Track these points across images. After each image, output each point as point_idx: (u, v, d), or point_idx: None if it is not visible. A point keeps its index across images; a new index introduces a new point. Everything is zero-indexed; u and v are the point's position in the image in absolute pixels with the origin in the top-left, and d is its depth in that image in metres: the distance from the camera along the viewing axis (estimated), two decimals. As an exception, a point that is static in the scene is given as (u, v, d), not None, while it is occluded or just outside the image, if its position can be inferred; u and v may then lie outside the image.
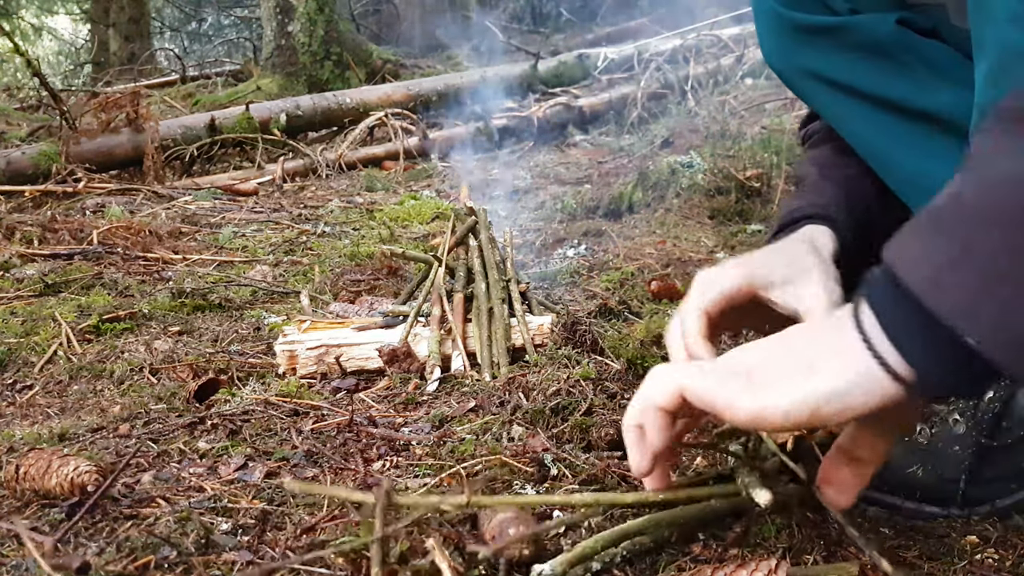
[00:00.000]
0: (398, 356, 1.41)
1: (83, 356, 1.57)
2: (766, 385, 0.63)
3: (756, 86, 4.98)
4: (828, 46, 0.92)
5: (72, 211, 3.04)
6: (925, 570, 0.81)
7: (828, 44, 0.92)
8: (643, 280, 2.06)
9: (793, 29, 0.94)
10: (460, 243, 1.79)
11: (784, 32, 0.96)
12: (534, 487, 0.98)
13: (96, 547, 0.85)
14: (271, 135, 4.48)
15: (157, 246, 2.46)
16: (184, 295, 1.92)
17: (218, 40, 12.78)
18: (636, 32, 7.52)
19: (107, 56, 9.58)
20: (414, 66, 7.75)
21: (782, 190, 2.81)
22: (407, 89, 5.32)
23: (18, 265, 2.23)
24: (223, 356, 1.53)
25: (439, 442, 1.11)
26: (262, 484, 1.01)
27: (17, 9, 11.97)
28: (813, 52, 0.93)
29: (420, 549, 0.78)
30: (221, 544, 0.85)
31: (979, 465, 0.89)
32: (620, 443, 1.11)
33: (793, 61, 0.97)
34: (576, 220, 2.83)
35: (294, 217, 3.06)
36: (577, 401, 1.15)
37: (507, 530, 0.79)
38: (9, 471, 0.98)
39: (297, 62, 6.45)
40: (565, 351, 1.32)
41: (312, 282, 2.10)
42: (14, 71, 10.92)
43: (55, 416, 1.31)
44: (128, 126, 3.91)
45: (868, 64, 0.90)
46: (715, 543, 0.85)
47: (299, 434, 1.17)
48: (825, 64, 0.94)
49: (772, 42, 0.98)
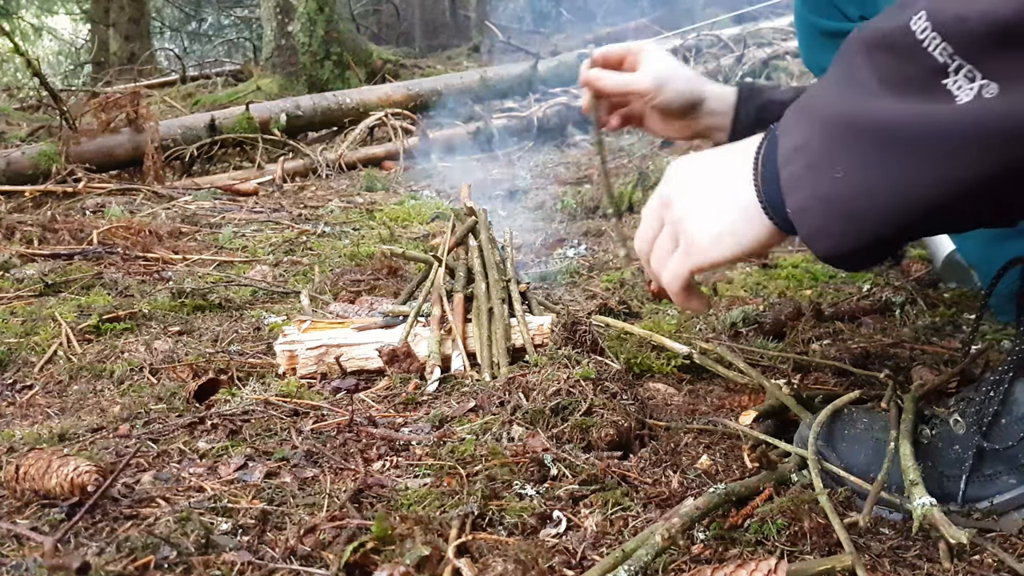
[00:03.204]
0: (398, 356, 1.41)
1: (83, 356, 1.57)
2: (701, 251, 0.83)
3: (756, 86, 4.97)
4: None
5: (72, 211, 3.04)
6: (925, 570, 0.81)
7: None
8: (643, 280, 2.06)
9: (818, 34, 1.10)
10: (460, 243, 1.79)
11: (813, 36, 1.12)
12: (534, 487, 0.98)
13: (96, 547, 0.85)
14: (271, 135, 4.48)
15: (157, 246, 2.46)
16: (184, 295, 1.92)
17: (218, 40, 12.78)
18: (636, 32, 7.52)
19: (107, 56, 9.59)
20: (414, 66, 7.76)
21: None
22: (407, 89, 5.32)
23: (18, 265, 2.23)
24: (223, 356, 1.53)
25: (439, 442, 1.11)
26: (262, 484, 1.01)
27: (17, 9, 11.97)
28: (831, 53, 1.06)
29: (436, 556, 0.78)
30: (221, 544, 0.85)
31: (979, 464, 0.89)
32: (620, 443, 1.11)
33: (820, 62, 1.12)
34: (576, 220, 2.83)
35: (294, 217, 3.06)
36: (577, 401, 1.15)
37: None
38: (9, 471, 0.98)
39: (297, 62, 6.45)
40: (565, 351, 1.32)
41: (312, 282, 2.10)
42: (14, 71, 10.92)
43: (55, 416, 1.31)
44: (128, 126, 3.91)
45: None
46: (715, 543, 0.85)
47: (299, 434, 1.17)
48: None
49: (805, 46, 1.15)
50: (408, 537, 0.81)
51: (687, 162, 0.87)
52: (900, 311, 1.68)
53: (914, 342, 1.50)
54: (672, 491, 0.97)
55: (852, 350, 1.46)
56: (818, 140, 0.71)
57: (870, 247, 0.72)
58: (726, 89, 1.31)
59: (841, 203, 0.70)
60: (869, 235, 0.70)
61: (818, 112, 0.73)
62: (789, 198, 0.73)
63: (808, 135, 0.72)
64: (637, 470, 1.03)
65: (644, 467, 1.05)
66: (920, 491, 0.81)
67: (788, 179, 0.73)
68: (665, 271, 0.88)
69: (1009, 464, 0.88)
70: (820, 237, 0.73)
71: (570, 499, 0.96)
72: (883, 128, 0.67)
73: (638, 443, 1.13)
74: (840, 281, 1.95)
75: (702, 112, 1.28)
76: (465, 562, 0.78)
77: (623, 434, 1.11)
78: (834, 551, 0.83)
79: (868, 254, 0.73)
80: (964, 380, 1.18)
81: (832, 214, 0.71)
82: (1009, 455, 0.88)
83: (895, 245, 0.73)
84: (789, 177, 0.73)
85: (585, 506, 0.94)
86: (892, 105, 0.66)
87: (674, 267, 0.86)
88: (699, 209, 0.83)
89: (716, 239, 0.81)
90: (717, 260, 0.82)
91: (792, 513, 0.86)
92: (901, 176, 0.66)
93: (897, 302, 1.70)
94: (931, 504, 0.78)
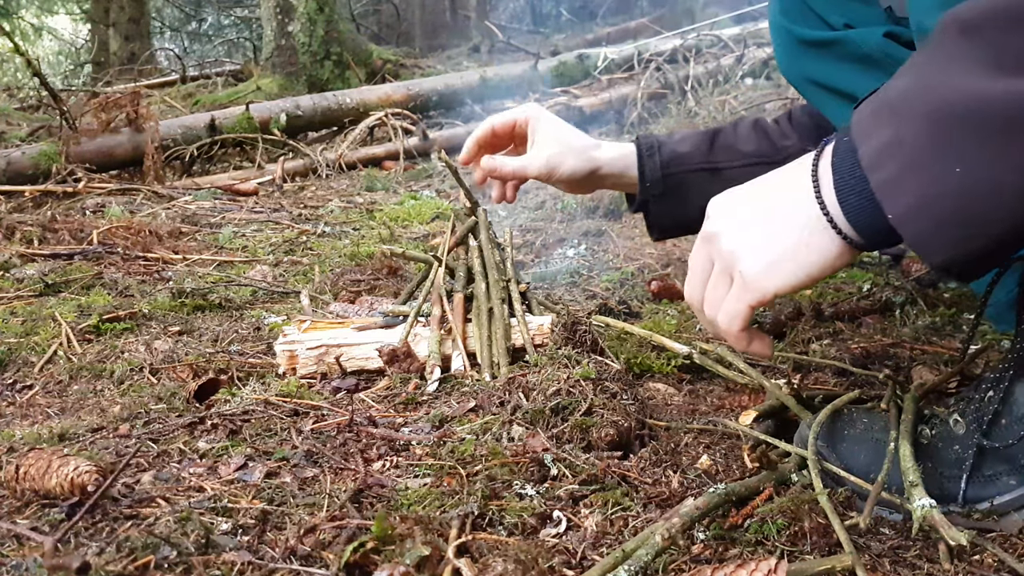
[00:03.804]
0: (398, 356, 1.41)
1: (83, 356, 1.57)
2: (758, 284, 0.75)
3: (756, 86, 4.98)
4: (827, 58, 1.03)
5: (72, 211, 3.04)
6: (925, 570, 0.81)
7: (827, 56, 1.03)
8: (643, 280, 2.06)
9: (798, 42, 1.06)
10: (460, 243, 1.78)
11: (792, 45, 1.08)
12: (534, 487, 0.98)
13: (96, 547, 0.85)
14: (271, 135, 4.48)
15: (157, 246, 2.46)
16: (184, 295, 1.92)
17: (218, 40, 12.78)
18: (636, 32, 7.52)
19: (107, 56, 9.59)
20: (414, 66, 7.76)
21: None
22: (407, 89, 5.32)
23: (18, 265, 2.23)
24: (223, 356, 1.53)
25: (439, 442, 1.11)
26: (262, 484, 1.01)
27: (17, 9, 11.97)
28: (815, 63, 1.04)
29: (436, 556, 0.78)
30: (221, 544, 0.85)
31: (979, 465, 0.89)
32: (620, 443, 1.11)
33: (800, 71, 1.09)
34: (576, 220, 2.83)
35: (294, 217, 3.06)
36: (577, 401, 1.15)
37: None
38: (9, 471, 0.98)
39: (297, 62, 6.45)
40: (565, 351, 1.32)
41: (312, 282, 2.10)
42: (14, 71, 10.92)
43: (55, 416, 1.31)
44: (128, 126, 3.91)
45: (861, 73, 1.00)
46: (715, 543, 0.85)
47: (299, 434, 1.16)
48: (826, 74, 1.06)
49: (782, 54, 1.11)
50: (408, 537, 0.81)
51: (729, 195, 0.81)
52: (900, 311, 1.68)
53: (914, 342, 1.50)
54: (672, 491, 0.97)
55: (852, 350, 1.46)
56: (919, 136, 0.63)
57: (992, 252, 0.64)
58: (623, 149, 1.36)
59: (958, 204, 0.62)
60: (993, 238, 0.62)
61: (910, 106, 0.64)
62: (889, 204, 0.65)
63: (899, 132, 0.64)
64: (637, 470, 1.03)
65: (644, 467, 1.05)
66: (920, 492, 0.81)
67: (883, 184, 0.65)
68: (721, 313, 0.81)
69: (1009, 465, 0.88)
70: (935, 245, 0.64)
71: (570, 499, 0.96)
72: (1004, 113, 0.59)
73: (638, 443, 1.13)
74: (840, 281, 1.95)
75: (601, 176, 1.35)
76: (465, 562, 0.78)
77: (623, 434, 1.11)
78: (834, 551, 0.83)
79: (989, 260, 0.65)
80: (964, 380, 1.18)
81: (947, 217, 0.63)
82: (1009, 455, 0.88)
83: (1018, 247, 0.65)
84: (884, 181, 0.65)
85: (585, 506, 0.94)
86: (1014, 86, 0.59)
87: (729, 306, 0.79)
88: (751, 239, 0.75)
89: (774, 267, 0.74)
90: (778, 290, 0.75)
91: (792, 513, 0.86)
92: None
93: (897, 302, 1.70)
94: (931, 506, 0.78)
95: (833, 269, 0.73)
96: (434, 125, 4.96)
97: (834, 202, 0.70)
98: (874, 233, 0.69)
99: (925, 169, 0.62)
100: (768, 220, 0.74)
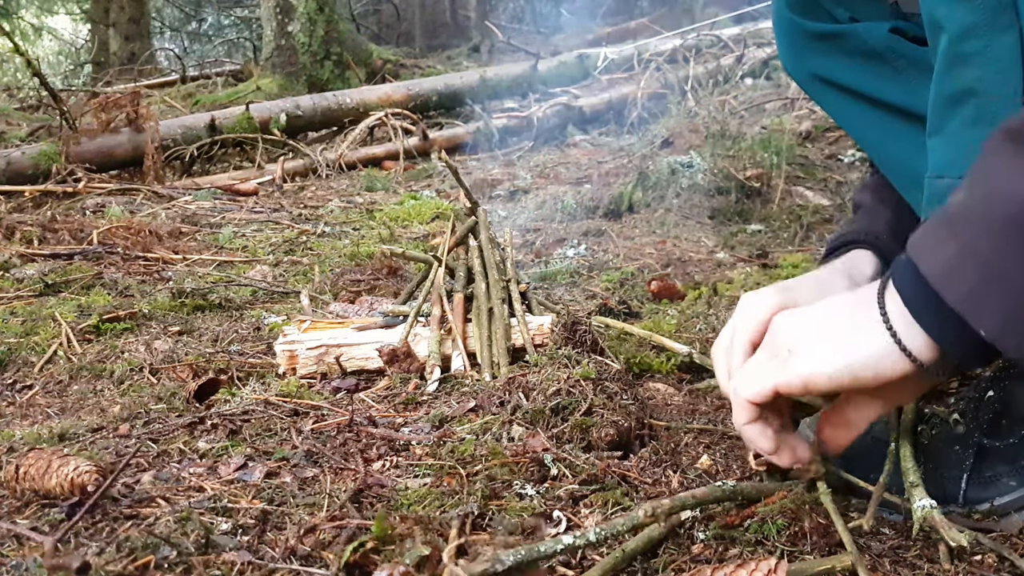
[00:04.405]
0: (398, 356, 1.41)
1: (83, 356, 1.57)
2: (809, 355, 0.76)
3: (756, 86, 4.98)
4: (832, 51, 1.02)
5: (72, 211, 3.04)
6: (925, 570, 0.81)
7: (832, 50, 1.01)
8: (643, 280, 2.06)
9: (803, 35, 1.05)
10: (460, 243, 1.78)
11: (795, 38, 1.07)
12: (534, 487, 0.98)
13: (96, 547, 0.85)
14: (271, 135, 4.48)
15: (157, 246, 2.46)
16: (184, 295, 1.91)
17: (218, 40, 12.78)
18: (636, 32, 7.53)
19: (107, 56, 9.59)
20: (414, 66, 7.76)
21: (782, 190, 2.81)
22: (407, 89, 5.32)
23: (18, 265, 2.23)
24: (223, 356, 1.53)
25: (439, 442, 1.11)
26: (262, 484, 1.01)
27: (17, 9, 11.97)
28: (819, 57, 1.03)
29: (436, 556, 0.78)
30: (221, 544, 0.85)
31: (979, 465, 0.89)
32: (620, 443, 1.11)
33: (804, 65, 1.07)
34: (576, 220, 2.83)
35: (294, 217, 3.06)
36: (577, 401, 1.15)
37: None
38: (9, 471, 0.98)
39: (297, 62, 6.45)
40: (565, 351, 1.32)
41: (312, 282, 2.10)
42: (14, 71, 10.92)
43: (55, 416, 1.31)
44: (128, 126, 3.91)
45: (866, 68, 0.98)
46: (715, 543, 0.85)
47: (299, 434, 1.16)
48: (830, 68, 1.03)
49: (785, 47, 1.10)
50: (408, 537, 0.81)
51: (792, 315, 0.81)
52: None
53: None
54: (672, 491, 0.97)
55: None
56: (993, 244, 0.63)
57: None
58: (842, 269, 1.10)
59: None
60: None
61: (979, 216, 0.64)
62: (975, 319, 0.64)
63: (967, 245, 0.64)
64: (637, 470, 1.03)
65: (644, 467, 1.05)
66: (920, 493, 0.81)
67: (963, 299, 0.65)
68: (744, 373, 0.82)
69: (1010, 466, 0.88)
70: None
71: (570, 499, 0.96)
72: None
73: (638, 443, 1.13)
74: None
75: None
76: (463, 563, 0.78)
77: (623, 434, 1.11)
78: (834, 551, 0.83)
79: None
80: (964, 380, 1.18)
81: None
82: (1009, 455, 0.88)
83: None
84: (965, 296, 0.65)
85: (585, 506, 0.94)
86: None
87: (760, 375, 0.80)
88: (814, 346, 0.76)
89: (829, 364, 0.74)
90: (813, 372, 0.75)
91: (792, 513, 0.86)
92: None
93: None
94: (931, 507, 0.78)
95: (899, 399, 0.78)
96: (434, 125, 4.95)
97: (909, 323, 0.70)
98: (958, 345, 0.68)
99: (1007, 277, 0.62)
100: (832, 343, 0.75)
